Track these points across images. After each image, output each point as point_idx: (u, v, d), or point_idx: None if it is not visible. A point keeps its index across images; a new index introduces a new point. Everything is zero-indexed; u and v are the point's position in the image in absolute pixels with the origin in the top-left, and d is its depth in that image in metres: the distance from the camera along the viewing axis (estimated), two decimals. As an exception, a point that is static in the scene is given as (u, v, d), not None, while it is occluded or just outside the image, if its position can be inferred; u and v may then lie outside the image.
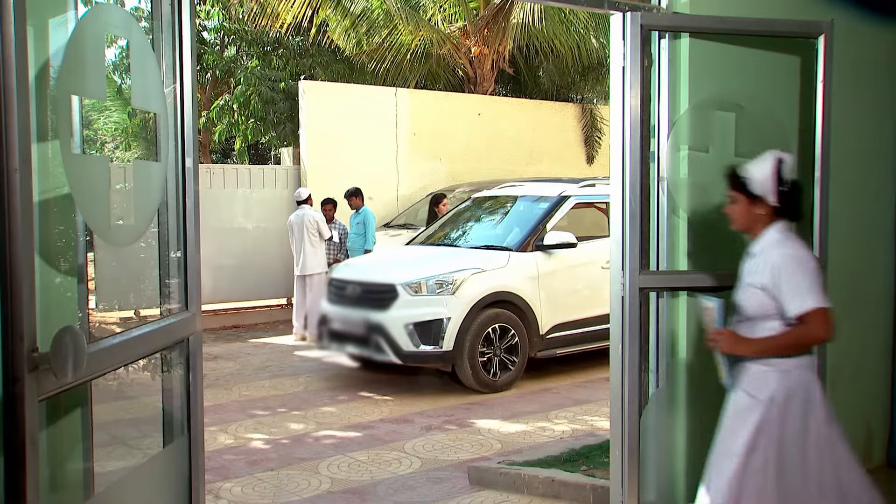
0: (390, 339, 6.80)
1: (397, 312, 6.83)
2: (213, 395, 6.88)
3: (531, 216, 7.73)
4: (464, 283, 6.91)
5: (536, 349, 7.21)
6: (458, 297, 6.82)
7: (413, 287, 6.89)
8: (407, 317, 6.78)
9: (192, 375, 2.48)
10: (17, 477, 1.62)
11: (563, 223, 7.59)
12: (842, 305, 3.73)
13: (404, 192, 12.51)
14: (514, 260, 7.22)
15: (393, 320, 6.81)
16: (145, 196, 2.26)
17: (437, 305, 6.80)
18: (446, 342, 6.73)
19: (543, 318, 7.21)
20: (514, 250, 7.32)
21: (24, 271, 1.61)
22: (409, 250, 8.29)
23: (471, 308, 6.82)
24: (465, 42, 14.15)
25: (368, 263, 8.05)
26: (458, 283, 6.87)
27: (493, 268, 7.12)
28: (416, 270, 7.12)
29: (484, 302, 6.90)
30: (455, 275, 6.92)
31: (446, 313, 6.76)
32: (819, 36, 3.32)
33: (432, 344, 6.74)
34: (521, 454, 4.99)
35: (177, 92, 2.40)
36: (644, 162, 3.24)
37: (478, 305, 6.87)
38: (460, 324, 6.76)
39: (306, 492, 4.62)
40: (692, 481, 3.45)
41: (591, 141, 14.83)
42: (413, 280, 6.93)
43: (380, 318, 6.88)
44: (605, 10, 3.26)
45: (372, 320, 6.93)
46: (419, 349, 6.75)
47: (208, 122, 14.86)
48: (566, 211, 7.67)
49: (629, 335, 3.24)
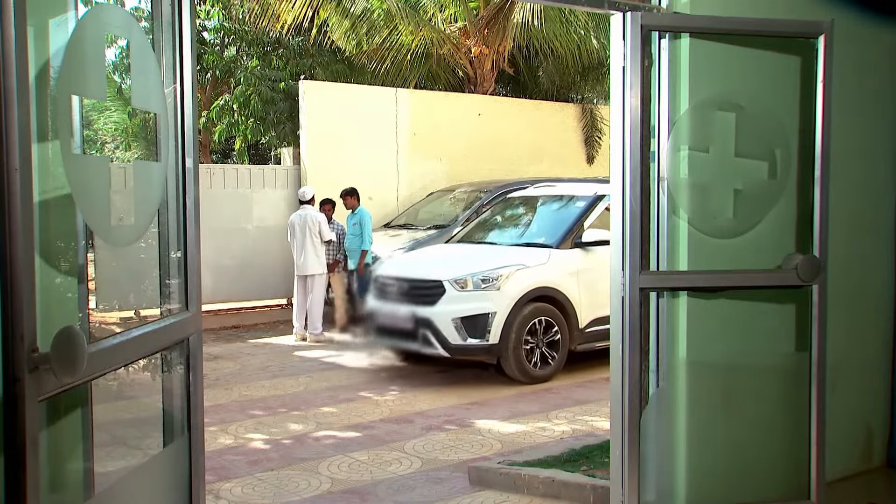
0: (438, 333, 7.09)
1: (444, 307, 7.13)
2: (213, 395, 6.88)
3: (569, 215, 8.01)
4: (508, 278, 7.19)
5: (576, 342, 7.48)
6: (503, 292, 7.12)
7: (459, 283, 7.21)
8: (454, 311, 7.08)
9: (193, 375, 2.47)
10: (17, 477, 1.62)
11: (597, 221, 7.83)
12: (842, 305, 3.74)
13: (404, 192, 12.50)
14: (555, 257, 7.51)
15: (440, 315, 7.11)
16: (145, 196, 2.26)
17: (482, 300, 7.10)
18: (492, 335, 7.02)
19: (583, 313, 7.48)
20: (553, 247, 7.63)
21: (24, 271, 1.61)
22: (450, 248, 8.61)
23: (515, 303, 7.11)
24: (465, 42, 14.15)
25: (412, 261, 8.36)
26: (502, 279, 7.17)
27: (534, 264, 7.41)
28: (461, 267, 7.44)
29: (527, 297, 7.19)
30: (499, 271, 7.23)
31: (492, 308, 7.05)
32: (819, 36, 3.32)
33: (479, 337, 7.04)
34: (521, 454, 4.99)
35: (177, 92, 2.40)
36: (644, 162, 3.24)
37: (521, 300, 7.16)
38: (505, 318, 7.05)
39: (306, 492, 4.62)
40: (692, 481, 3.45)
41: (591, 141, 14.83)
42: (459, 276, 7.25)
43: (427, 312, 7.19)
44: (605, 10, 3.26)
45: (420, 315, 7.25)
46: (466, 342, 7.05)
47: (208, 122, 14.86)
48: (601, 210, 7.88)
49: (629, 335, 3.24)
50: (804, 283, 3.26)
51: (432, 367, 7.97)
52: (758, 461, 3.57)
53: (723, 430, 3.54)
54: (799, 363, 3.47)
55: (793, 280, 3.27)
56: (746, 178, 3.40)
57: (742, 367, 3.59)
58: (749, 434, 3.58)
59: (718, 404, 3.54)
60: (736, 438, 3.56)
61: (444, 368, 7.86)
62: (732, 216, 3.41)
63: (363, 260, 9.70)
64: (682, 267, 3.42)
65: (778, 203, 3.49)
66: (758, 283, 3.42)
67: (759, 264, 3.48)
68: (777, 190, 3.48)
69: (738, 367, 3.58)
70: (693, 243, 3.41)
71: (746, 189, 3.40)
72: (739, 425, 3.56)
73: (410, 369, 7.90)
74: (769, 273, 3.41)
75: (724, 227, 3.44)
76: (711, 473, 3.51)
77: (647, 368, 3.40)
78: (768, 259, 3.46)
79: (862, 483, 3.98)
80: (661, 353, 3.44)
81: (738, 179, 3.39)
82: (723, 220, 3.42)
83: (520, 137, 13.68)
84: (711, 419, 3.52)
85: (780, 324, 3.64)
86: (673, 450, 3.46)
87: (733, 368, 3.58)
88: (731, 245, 3.48)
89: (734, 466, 3.56)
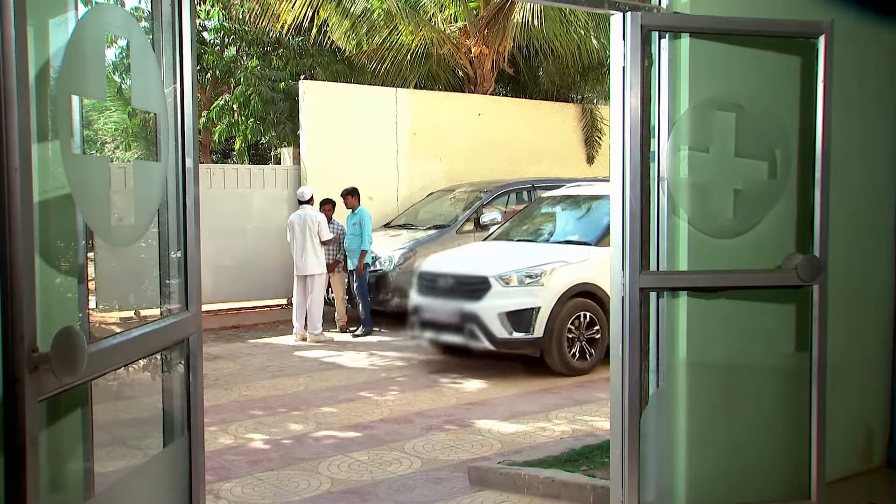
0: (484, 327, 7.32)
1: (491, 302, 7.36)
2: (213, 395, 6.88)
3: (606, 213, 8.09)
4: (551, 274, 7.40)
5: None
6: (547, 287, 7.35)
7: (504, 279, 7.43)
8: (500, 306, 7.30)
9: (192, 375, 2.47)
10: (17, 477, 1.62)
11: None
12: (842, 305, 3.74)
13: (404, 192, 12.50)
14: (594, 254, 7.65)
15: (487, 310, 7.33)
16: (145, 196, 2.26)
17: (528, 296, 7.34)
18: (537, 329, 7.28)
19: None
20: (593, 245, 7.79)
21: (24, 271, 1.61)
22: (491, 245, 8.81)
23: (558, 298, 7.32)
24: (465, 42, 14.15)
25: (456, 258, 8.53)
26: (546, 275, 7.42)
27: (575, 261, 7.61)
28: (505, 263, 7.66)
29: (569, 293, 7.41)
30: (542, 267, 7.48)
31: (537, 303, 7.30)
32: (819, 36, 3.32)
33: (524, 331, 7.28)
34: (521, 454, 4.99)
35: (177, 92, 2.40)
36: (644, 162, 3.24)
37: (564, 296, 7.37)
38: (549, 312, 7.26)
39: (306, 492, 4.62)
40: (692, 481, 3.45)
41: (591, 141, 14.83)
42: (504, 272, 7.47)
43: (474, 307, 7.42)
44: (605, 10, 3.26)
45: (466, 310, 7.48)
46: (512, 336, 7.28)
47: (208, 122, 14.86)
48: None
49: (629, 335, 3.24)
50: (804, 283, 3.26)
51: (431, 368, 7.98)
52: (758, 461, 3.57)
53: (723, 430, 3.54)
54: (799, 363, 3.47)
55: (793, 280, 3.27)
56: (746, 178, 3.40)
57: (742, 367, 3.59)
58: (749, 434, 3.58)
59: (718, 404, 3.54)
60: (736, 438, 3.56)
61: (440, 370, 7.86)
62: (732, 216, 3.41)
63: (363, 260, 9.70)
64: (682, 267, 3.42)
65: (778, 203, 3.49)
66: (758, 283, 3.42)
67: (759, 264, 3.48)
68: (777, 190, 3.48)
69: (738, 367, 3.58)
70: (693, 243, 3.41)
71: (746, 189, 3.40)
72: (739, 425, 3.56)
73: (411, 370, 7.90)
74: (769, 273, 3.41)
75: (724, 227, 3.44)
76: (711, 473, 3.51)
77: (647, 368, 3.40)
78: (768, 259, 3.46)
79: (862, 483, 3.98)
80: (661, 353, 3.44)
81: (738, 179, 3.39)
82: (723, 220, 3.42)
83: (520, 137, 13.68)
84: (711, 419, 3.52)
85: (780, 324, 3.64)
86: (673, 450, 3.46)
87: (733, 368, 3.58)
88: (731, 245, 3.48)
89: (734, 466, 3.56)
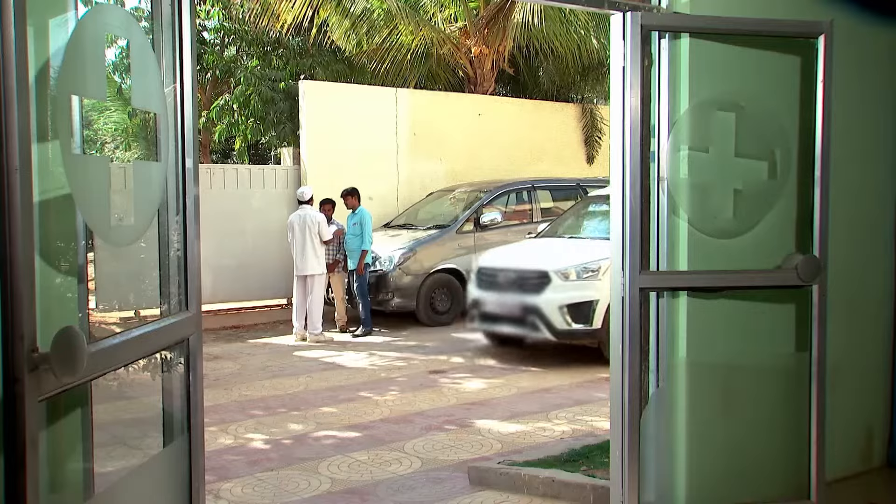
0: (545, 319, 7.71)
1: (551, 295, 7.74)
2: (213, 395, 6.88)
3: None
4: (608, 269, 7.45)
5: None
6: (605, 281, 7.42)
7: (564, 273, 7.81)
8: (560, 299, 7.69)
9: (192, 375, 2.47)
10: (17, 477, 1.62)
11: None
12: (842, 305, 3.74)
13: (404, 192, 12.50)
14: None
15: (548, 302, 7.72)
16: (145, 196, 2.26)
17: (586, 289, 7.68)
18: (595, 321, 7.59)
19: None
20: None
21: (24, 271, 1.61)
22: (543, 242, 9.06)
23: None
24: (465, 42, 14.16)
25: (514, 254, 8.80)
26: (602, 270, 7.59)
27: None
28: (563, 259, 8.01)
29: None
30: (599, 262, 7.66)
31: (595, 296, 7.59)
32: (819, 36, 3.32)
33: (583, 323, 7.64)
34: (521, 454, 4.99)
35: (177, 92, 2.39)
36: (644, 162, 3.24)
37: None
38: (607, 305, 7.29)
39: (306, 492, 4.62)
40: (692, 481, 3.45)
41: (591, 141, 14.84)
42: (563, 267, 7.85)
43: (535, 300, 7.80)
44: (605, 10, 3.26)
45: (528, 303, 7.86)
46: (572, 328, 7.67)
47: (208, 122, 14.86)
48: None
49: (629, 335, 3.24)
50: (804, 283, 3.26)
51: (430, 368, 7.98)
52: (757, 461, 3.57)
53: (722, 430, 3.54)
54: (799, 363, 3.47)
55: (793, 280, 3.27)
56: (746, 179, 3.40)
57: (742, 367, 3.59)
58: (749, 434, 3.58)
59: (718, 404, 3.54)
60: (736, 438, 3.56)
61: (440, 370, 7.87)
62: (732, 216, 3.41)
63: (363, 260, 9.71)
64: (681, 267, 3.42)
65: (778, 203, 3.49)
66: (758, 283, 3.42)
67: (758, 264, 3.48)
68: (777, 190, 3.48)
69: (737, 367, 3.58)
70: (693, 243, 3.41)
71: (746, 189, 3.40)
72: (739, 425, 3.56)
73: (411, 370, 7.91)
74: (769, 273, 3.41)
75: (724, 227, 3.44)
76: (711, 473, 3.51)
77: (647, 368, 3.40)
78: (768, 259, 3.45)
79: (862, 483, 3.98)
80: (661, 353, 3.44)
81: (738, 179, 3.39)
82: (723, 220, 3.42)
83: (520, 137, 13.68)
84: (711, 419, 3.52)
85: (780, 324, 3.64)
86: (673, 450, 3.46)
87: (733, 368, 3.58)
88: (731, 245, 3.48)
89: (734, 467, 3.56)
